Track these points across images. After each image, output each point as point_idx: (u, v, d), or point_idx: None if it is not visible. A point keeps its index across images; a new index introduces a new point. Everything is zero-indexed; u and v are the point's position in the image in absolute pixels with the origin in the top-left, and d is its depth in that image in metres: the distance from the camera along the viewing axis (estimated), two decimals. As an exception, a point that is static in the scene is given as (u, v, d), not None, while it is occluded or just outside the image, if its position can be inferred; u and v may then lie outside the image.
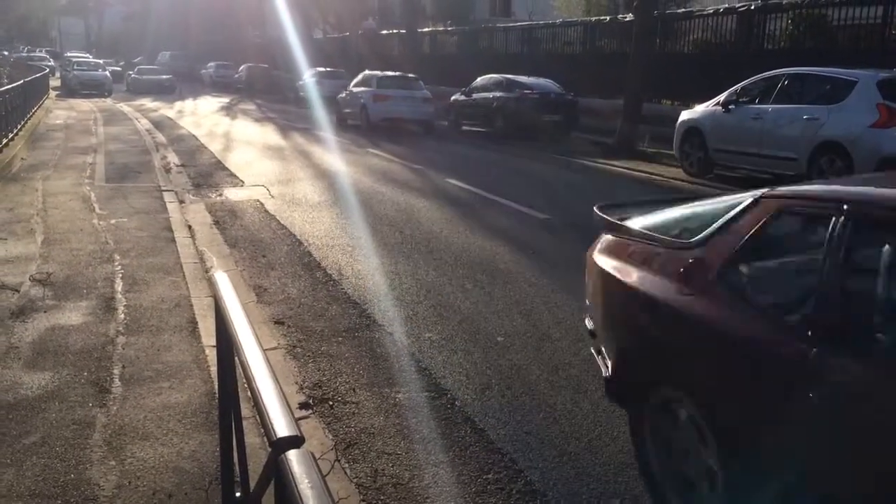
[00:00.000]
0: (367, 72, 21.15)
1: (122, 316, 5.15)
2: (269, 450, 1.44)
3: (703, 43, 17.87)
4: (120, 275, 6.11)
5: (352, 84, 21.15)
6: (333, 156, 14.78)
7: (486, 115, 18.62)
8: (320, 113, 22.41)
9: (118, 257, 6.63)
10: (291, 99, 29.75)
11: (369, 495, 3.26)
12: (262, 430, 1.50)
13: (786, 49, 15.49)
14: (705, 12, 18.04)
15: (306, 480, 1.21)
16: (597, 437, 3.74)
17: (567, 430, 3.81)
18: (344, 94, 21.08)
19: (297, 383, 4.39)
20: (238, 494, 2.44)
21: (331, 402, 4.13)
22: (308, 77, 27.54)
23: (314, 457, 1.33)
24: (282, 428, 1.41)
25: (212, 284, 2.30)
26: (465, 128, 19.73)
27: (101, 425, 3.62)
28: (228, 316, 2.05)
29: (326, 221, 8.62)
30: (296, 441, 1.37)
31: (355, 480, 3.38)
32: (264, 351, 1.79)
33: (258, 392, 1.54)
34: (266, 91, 35.13)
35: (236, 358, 1.89)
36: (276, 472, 1.30)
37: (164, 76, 37.61)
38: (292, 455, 1.28)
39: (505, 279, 6.40)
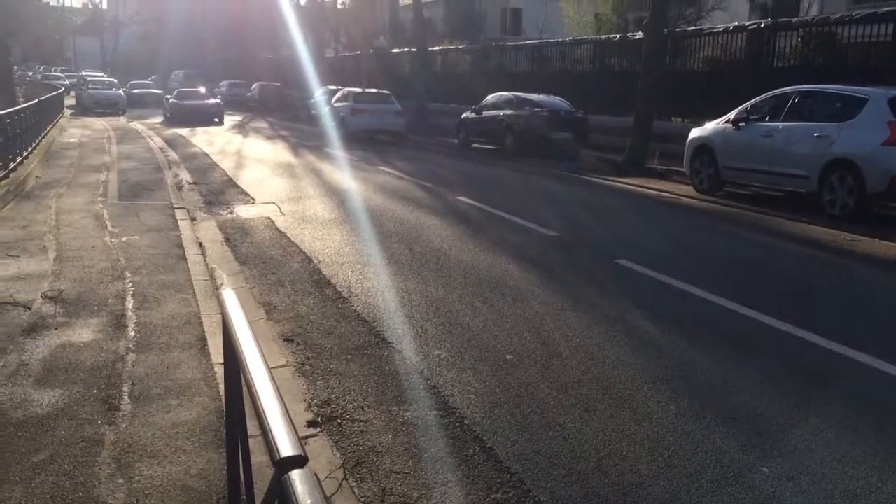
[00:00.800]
0: (346, 89, 24.14)
1: (133, 333, 5.17)
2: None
3: (713, 60, 17.88)
4: (131, 292, 6.14)
5: (333, 99, 23.73)
6: (344, 173, 14.85)
7: (496, 132, 18.69)
8: (331, 130, 22.55)
9: (129, 274, 6.67)
10: (303, 117, 29.93)
11: (377, 515, 3.25)
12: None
13: (796, 67, 15.48)
14: (715, 30, 18.07)
15: (309, 501, 1.21)
16: (606, 457, 3.71)
17: (576, 450, 3.78)
18: (326, 109, 23.94)
19: (305, 401, 4.38)
20: (244, 513, 2.44)
21: (339, 421, 4.12)
22: (319, 95, 27.76)
23: (318, 477, 1.33)
24: (285, 447, 1.41)
25: (220, 302, 2.31)
26: (475, 145, 19.80)
27: (110, 443, 3.63)
28: (235, 334, 2.05)
29: (336, 239, 8.65)
30: (299, 461, 1.37)
31: (363, 499, 3.37)
32: (270, 369, 1.79)
33: (263, 411, 1.55)
34: (278, 109, 35.42)
35: (242, 376, 1.89)
36: (279, 491, 1.30)
37: (156, 90, 38.48)
38: (295, 475, 1.28)
39: (514, 296, 6.39)
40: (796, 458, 3.71)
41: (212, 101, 29.99)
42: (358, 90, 23.57)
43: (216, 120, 28.57)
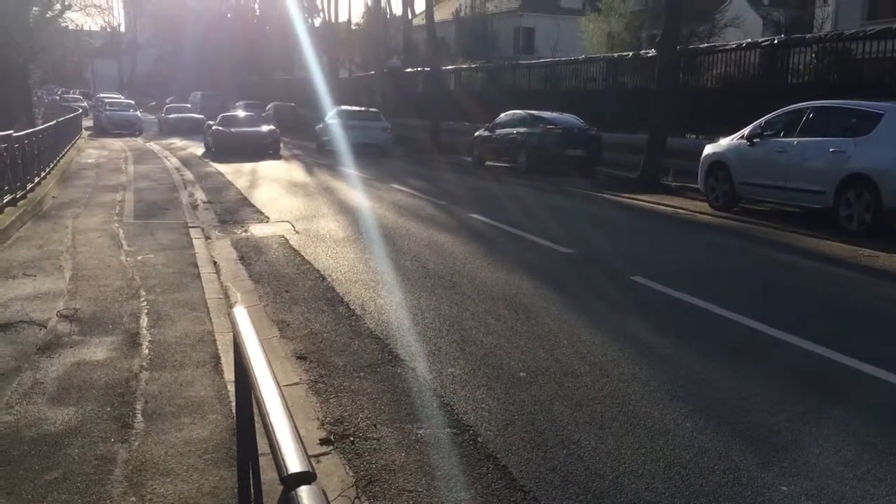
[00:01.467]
0: (339, 107, 25.90)
1: (147, 351, 5.19)
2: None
3: (726, 77, 17.86)
4: (145, 310, 6.16)
5: (326, 117, 25.51)
6: (357, 191, 14.90)
7: (509, 150, 18.72)
8: (345, 150, 22.68)
9: (144, 293, 6.70)
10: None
11: (389, 534, 3.22)
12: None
13: (810, 83, 15.42)
14: (728, 47, 18.06)
15: (317, 517, 1.19)
16: (622, 475, 3.66)
17: (591, 468, 3.73)
18: (321, 125, 25.51)
19: (318, 419, 4.36)
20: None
21: (352, 438, 4.10)
22: (331, 116, 27.95)
23: (325, 494, 1.31)
24: (294, 464, 1.40)
25: (231, 320, 2.30)
26: (488, 163, 19.84)
27: (123, 461, 3.62)
28: (246, 351, 2.05)
29: (350, 257, 8.66)
30: (307, 477, 1.35)
31: (375, 518, 3.34)
32: (280, 386, 1.78)
33: (271, 427, 1.53)
34: (292, 128, 35.63)
35: (252, 393, 1.88)
36: (287, 508, 1.29)
37: (197, 115, 35.77)
38: (303, 491, 1.27)
39: (528, 314, 6.35)
40: (816, 476, 3.65)
41: (265, 128, 24.23)
42: (349, 108, 25.76)
43: (271, 152, 22.96)
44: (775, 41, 16.72)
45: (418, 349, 5.50)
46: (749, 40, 18.03)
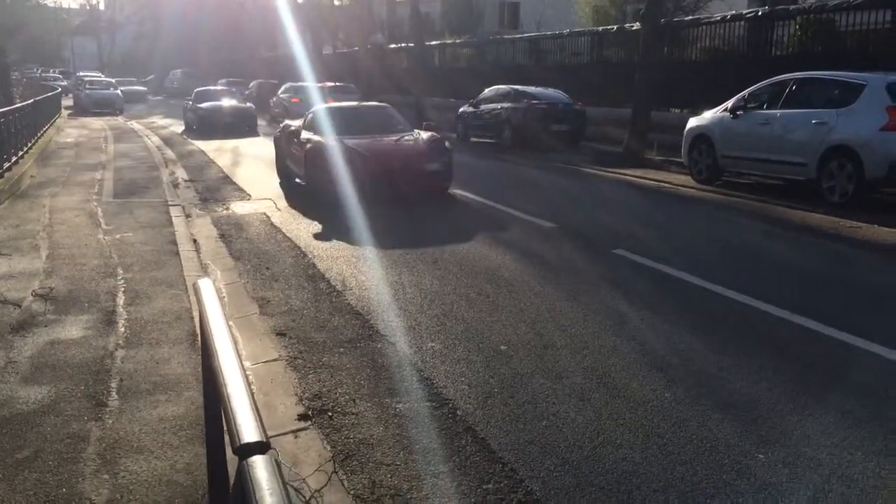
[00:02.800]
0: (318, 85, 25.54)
1: (122, 329, 5.12)
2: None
3: (711, 50, 17.76)
4: (122, 289, 6.09)
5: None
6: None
7: (494, 126, 18.60)
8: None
9: (121, 271, 6.62)
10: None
11: (366, 507, 3.20)
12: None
13: (794, 54, 15.37)
14: (713, 19, 17.95)
15: (265, 486, 1.15)
16: (600, 446, 3.65)
17: (569, 439, 3.72)
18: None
19: (296, 394, 4.33)
20: (225, 506, 2.38)
21: (330, 414, 4.07)
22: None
23: (279, 463, 1.27)
24: (248, 434, 1.35)
25: (195, 292, 2.25)
26: (473, 139, 19.72)
27: (96, 439, 3.58)
28: (208, 323, 2.00)
29: (331, 233, 8.59)
30: (261, 447, 1.31)
31: (353, 492, 3.32)
32: (240, 356, 1.74)
33: (227, 397, 1.49)
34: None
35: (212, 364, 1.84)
36: (238, 478, 1.25)
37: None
38: (253, 461, 1.23)
39: (509, 288, 6.33)
40: (793, 444, 3.65)
41: (239, 104, 23.98)
42: (331, 84, 26.20)
43: (247, 128, 22.67)
44: (759, 13, 16.62)
45: (399, 324, 5.47)
46: (733, 12, 17.91)
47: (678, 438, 3.71)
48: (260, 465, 1.23)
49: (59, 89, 34.01)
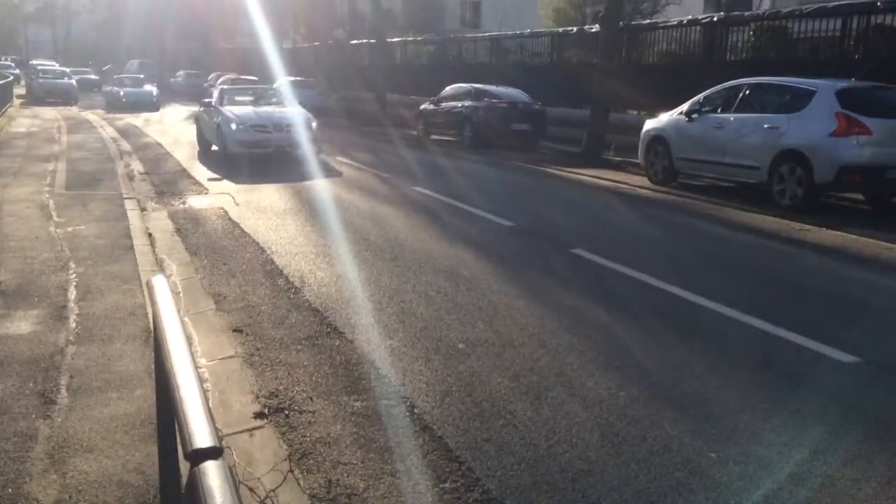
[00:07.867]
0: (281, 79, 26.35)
1: (74, 325, 5.01)
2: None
3: (668, 54, 18.05)
4: (74, 283, 5.95)
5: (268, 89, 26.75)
6: (301, 163, 14.63)
7: (454, 124, 18.64)
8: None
9: (73, 265, 6.47)
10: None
11: (322, 506, 3.18)
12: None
13: (748, 60, 15.68)
14: (670, 24, 18.24)
15: (217, 494, 1.14)
16: (556, 444, 3.69)
17: (526, 438, 3.75)
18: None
19: (253, 392, 4.29)
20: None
21: (287, 412, 4.04)
22: (277, 86, 27.43)
23: (232, 470, 1.26)
24: (201, 439, 1.34)
25: (148, 289, 2.21)
26: (434, 137, 19.72)
27: (45, 437, 3.49)
28: (161, 321, 1.97)
29: (291, 229, 8.51)
30: (214, 452, 1.29)
31: (308, 491, 3.30)
32: (193, 357, 1.72)
33: (179, 401, 1.47)
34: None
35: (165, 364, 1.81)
36: (190, 484, 1.23)
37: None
38: (205, 467, 1.21)
39: (468, 286, 6.34)
40: (744, 442, 3.74)
41: (149, 89, 32.11)
42: (291, 79, 26.70)
43: (154, 111, 29.68)
44: (715, 18, 16.94)
45: (357, 322, 5.45)
46: (690, 17, 18.21)
47: (633, 437, 3.77)
48: (212, 472, 1.22)
49: (11, 77, 33.05)
